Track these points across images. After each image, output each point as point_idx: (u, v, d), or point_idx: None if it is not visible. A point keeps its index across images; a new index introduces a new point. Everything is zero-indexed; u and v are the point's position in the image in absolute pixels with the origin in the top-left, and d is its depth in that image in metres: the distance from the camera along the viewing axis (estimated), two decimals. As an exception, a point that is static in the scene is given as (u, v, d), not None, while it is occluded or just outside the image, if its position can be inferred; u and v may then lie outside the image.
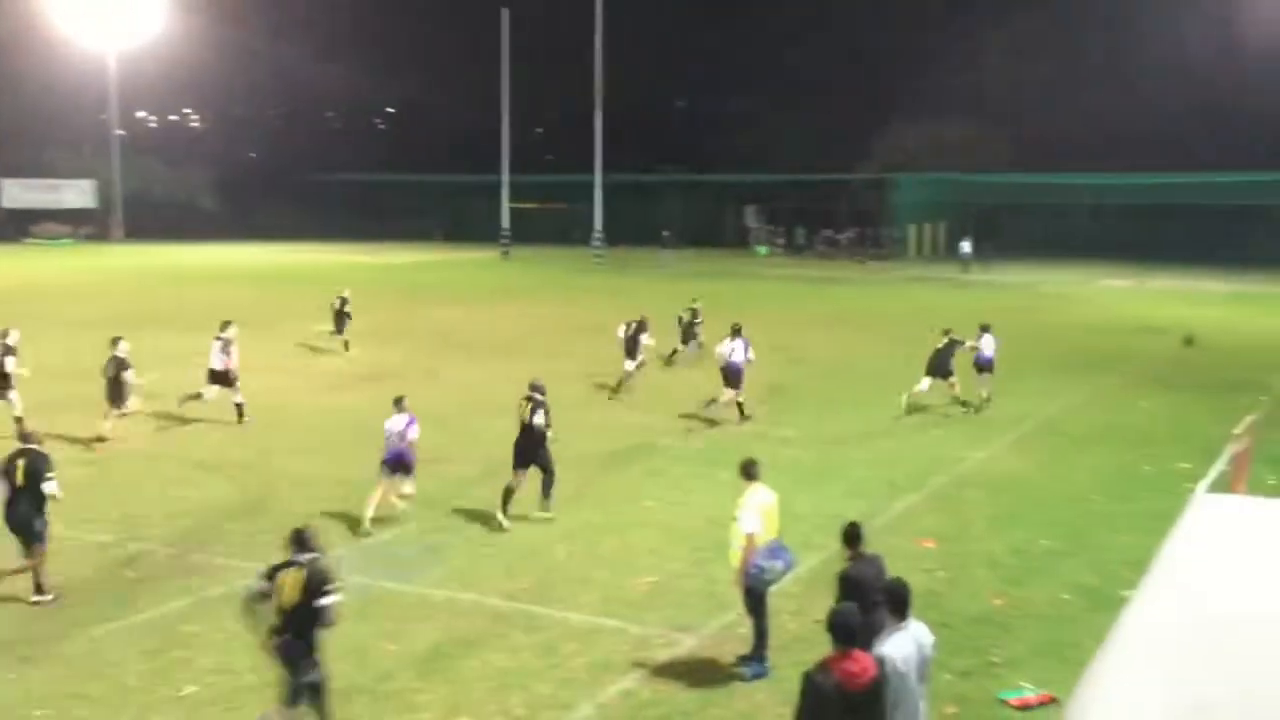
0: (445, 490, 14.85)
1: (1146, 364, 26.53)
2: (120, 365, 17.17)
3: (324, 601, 7.71)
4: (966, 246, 54.99)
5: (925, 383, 20.13)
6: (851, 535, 8.50)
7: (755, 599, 9.55)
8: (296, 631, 7.75)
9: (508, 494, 13.48)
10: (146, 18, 69.85)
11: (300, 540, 7.98)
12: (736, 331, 19.81)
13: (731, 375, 19.36)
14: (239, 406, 18.70)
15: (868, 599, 7.53)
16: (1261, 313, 38.04)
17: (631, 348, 21.82)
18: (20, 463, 10.88)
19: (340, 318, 26.37)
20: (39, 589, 10.85)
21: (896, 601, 7.25)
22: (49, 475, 10.87)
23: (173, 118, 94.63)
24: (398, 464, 13.58)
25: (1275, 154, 53.62)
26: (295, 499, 14.39)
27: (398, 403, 13.82)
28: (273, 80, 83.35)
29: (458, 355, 26.41)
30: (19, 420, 16.17)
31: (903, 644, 6.93)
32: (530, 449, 13.60)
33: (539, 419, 13.51)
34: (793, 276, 51.34)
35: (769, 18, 74.51)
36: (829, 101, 71.73)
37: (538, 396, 13.73)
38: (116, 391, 17.11)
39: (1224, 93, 58.49)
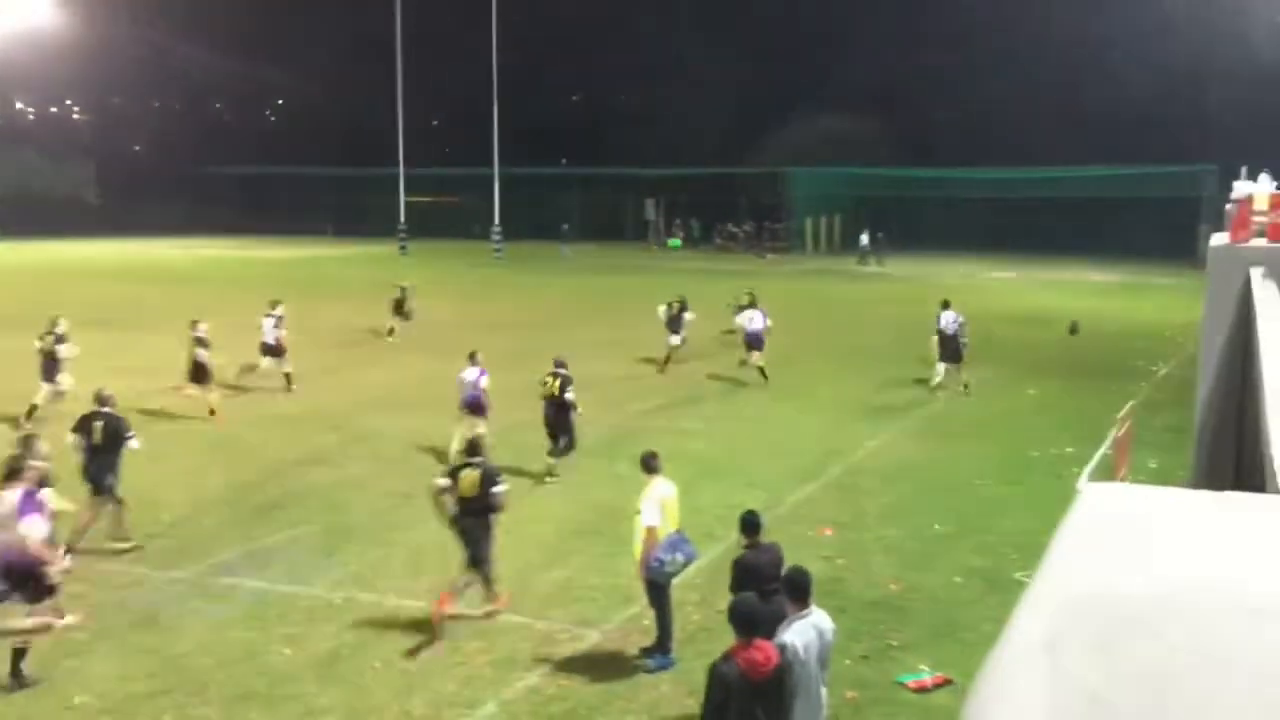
0: (343, 490, 14.62)
1: (1033, 352, 27.32)
2: (199, 344, 19.36)
3: (496, 490, 10.29)
4: (865, 239, 56.08)
5: (940, 368, 21.79)
6: (748, 524, 8.70)
7: (657, 591, 9.62)
8: (474, 515, 10.28)
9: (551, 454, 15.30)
10: (25, 3, 67.08)
11: (473, 449, 10.70)
12: (753, 303, 23.23)
13: (753, 341, 22.42)
14: (288, 376, 21.18)
15: (762, 586, 7.74)
16: (1140, 302, 39.49)
17: (675, 325, 23.87)
18: (98, 424, 12.11)
19: (400, 305, 27.90)
20: (120, 538, 12.17)
21: (797, 589, 7.38)
22: (129, 434, 12.29)
23: (53, 109, 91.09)
24: (473, 407, 16.03)
25: (1151, 149, 55.64)
26: (175, 502, 14.01)
27: (471, 357, 16.64)
28: (158, 70, 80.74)
29: (354, 353, 26.00)
30: (59, 394, 17.96)
31: (804, 631, 7.06)
32: (558, 420, 15.28)
33: (569, 394, 15.25)
34: (694, 270, 51.62)
35: (664, 12, 74.80)
36: (725, 95, 72.35)
37: (562, 371, 15.52)
38: (201, 371, 19.12)
39: (1103, 90, 60.46)
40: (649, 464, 9.98)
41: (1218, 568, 0.92)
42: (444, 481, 10.36)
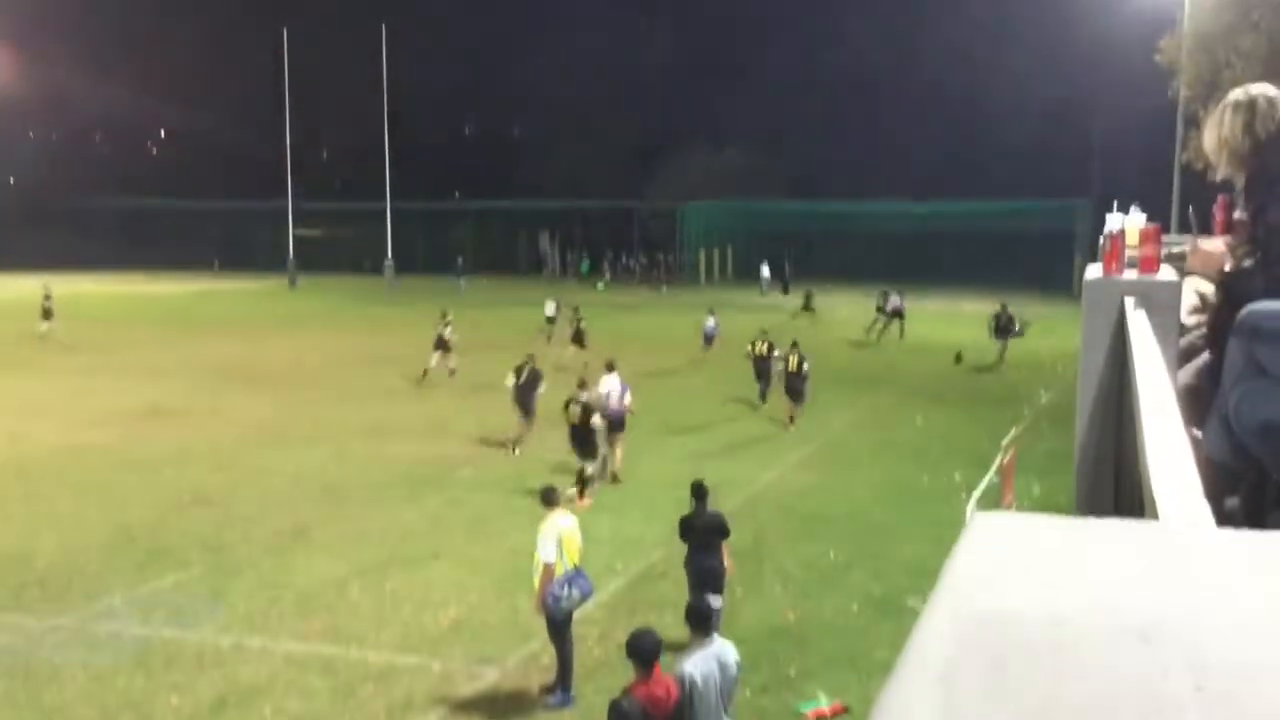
0: (230, 530, 14.21)
1: (921, 381, 27.98)
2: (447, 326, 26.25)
3: (804, 369, 21.16)
4: (766, 271, 57.06)
5: (999, 344, 30.37)
6: (696, 491, 10.84)
7: (556, 627, 9.56)
8: (798, 382, 21.03)
9: (789, 420, 21.27)
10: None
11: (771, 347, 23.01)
12: (895, 292, 36.74)
13: (895, 314, 36.28)
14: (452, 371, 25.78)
15: (695, 540, 10.56)
16: (1021, 331, 40.63)
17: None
18: (525, 368, 18.82)
19: (442, 342, 26.19)
20: (516, 445, 18.72)
21: (699, 620, 7.40)
22: (541, 378, 18.97)
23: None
24: (710, 340, 28.72)
25: (1031, 184, 57.69)
26: (51, 547, 13.44)
27: (710, 310, 28.66)
28: (32, 99, 78.11)
29: (240, 389, 25.33)
30: (442, 368, 25.67)
31: (705, 662, 7.07)
32: (796, 388, 21.34)
33: (806, 365, 21.31)
34: (589, 302, 51.62)
35: (557, 48, 75.29)
36: (619, 130, 73.03)
37: (802, 351, 21.71)
38: (443, 343, 25.89)
39: (986, 127, 62.62)
40: (549, 498, 9.94)
41: (1105, 594, 0.95)
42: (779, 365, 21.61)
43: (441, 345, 25.95)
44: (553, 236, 73.63)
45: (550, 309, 35.23)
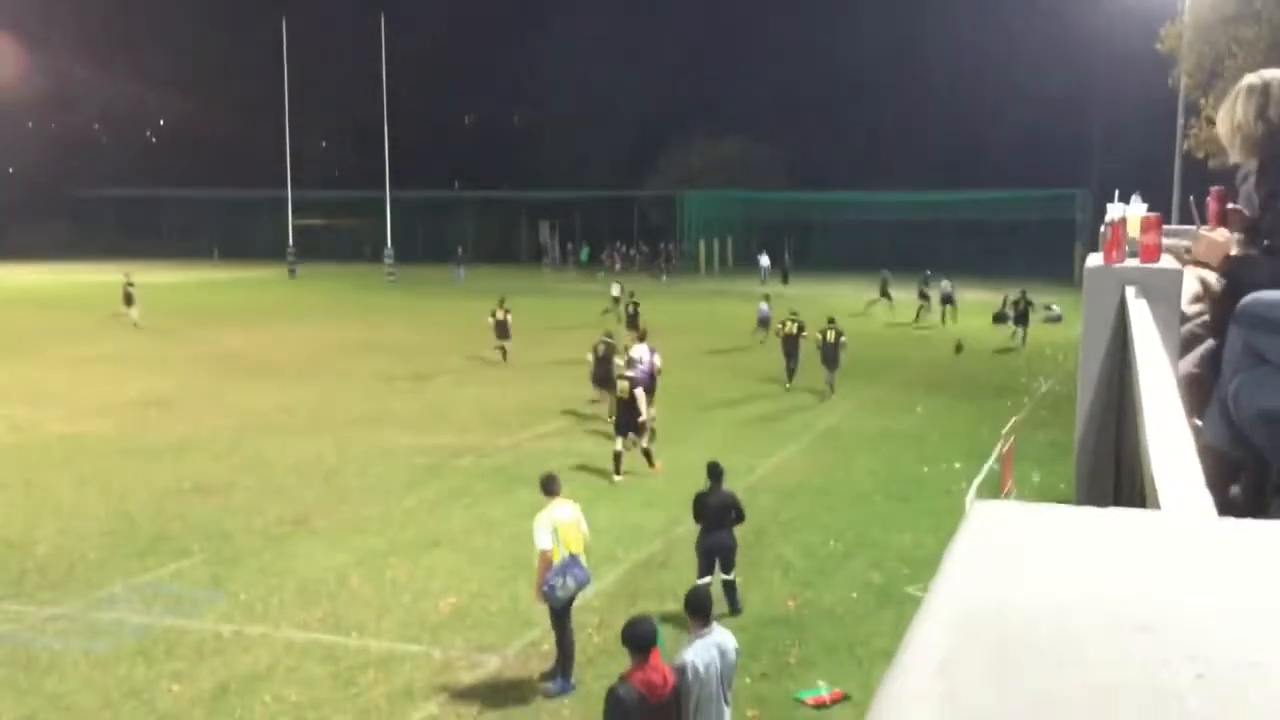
0: (231, 519, 14.23)
1: (920, 370, 27.98)
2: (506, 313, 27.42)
3: (842, 340, 22.65)
4: (765, 260, 56.98)
5: (1019, 330, 31.63)
6: (712, 471, 11.22)
7: (555, 615, 9.58)
8: (834, 353, 22.59)
9: (828, 388, 23.04)
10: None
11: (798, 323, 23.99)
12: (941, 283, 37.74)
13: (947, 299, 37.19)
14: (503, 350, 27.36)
15: (708, 518, 10.98)
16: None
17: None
18: (601, 345, 20.61)
19: (502, 327, 27.52)
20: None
21: (698, 609, 7.42)
22: (616, 353, 19.95)
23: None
24: (764, 322, 28.40)
25: (1031, 173, 57.61)
26: (51, 535, 13.47)
27: (765, 298, 29.33)
28: (31, 89, 77.94)
29: (240, 378, 25.34)
30: (505, 351, 27.23)
31: (705, 650, 7.09)
32: (831, 357, 22.67)
33: (843, 338, 22.79)
34: (590, 292, 51.62)
35: (556, 36, 75.03)
36: (618, 119, 72.89)
37: (838, 325, 22.91)
38: (503, 330, 27.28)
39: (981, 118, 62.45)
40: (548, 486, 9.95)
41: (1104, 584, 0.95)
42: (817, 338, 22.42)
43: (503, 330, 27.20)
44: (553, 226, 73.55)
45: (616, 290, 39.14)
